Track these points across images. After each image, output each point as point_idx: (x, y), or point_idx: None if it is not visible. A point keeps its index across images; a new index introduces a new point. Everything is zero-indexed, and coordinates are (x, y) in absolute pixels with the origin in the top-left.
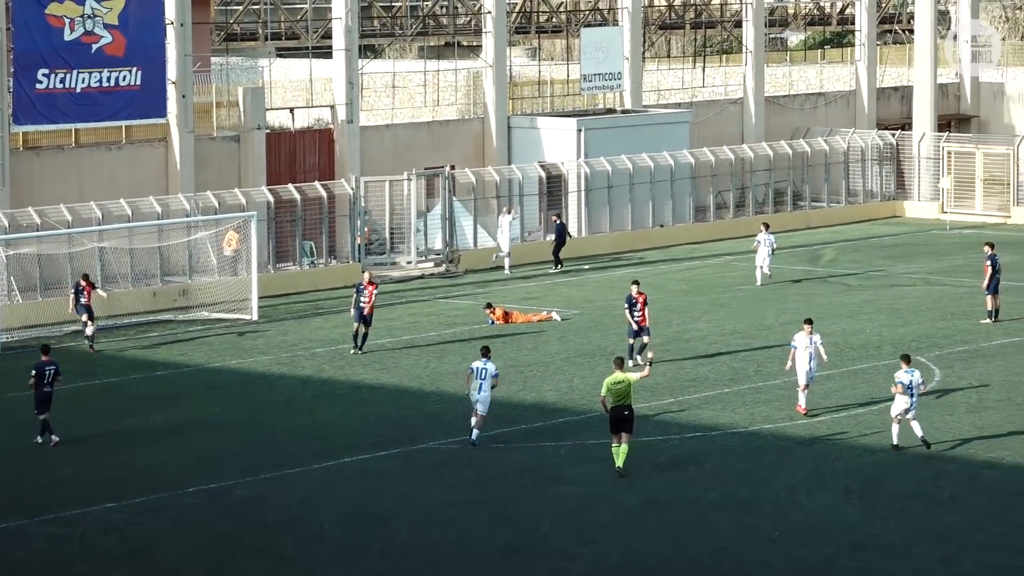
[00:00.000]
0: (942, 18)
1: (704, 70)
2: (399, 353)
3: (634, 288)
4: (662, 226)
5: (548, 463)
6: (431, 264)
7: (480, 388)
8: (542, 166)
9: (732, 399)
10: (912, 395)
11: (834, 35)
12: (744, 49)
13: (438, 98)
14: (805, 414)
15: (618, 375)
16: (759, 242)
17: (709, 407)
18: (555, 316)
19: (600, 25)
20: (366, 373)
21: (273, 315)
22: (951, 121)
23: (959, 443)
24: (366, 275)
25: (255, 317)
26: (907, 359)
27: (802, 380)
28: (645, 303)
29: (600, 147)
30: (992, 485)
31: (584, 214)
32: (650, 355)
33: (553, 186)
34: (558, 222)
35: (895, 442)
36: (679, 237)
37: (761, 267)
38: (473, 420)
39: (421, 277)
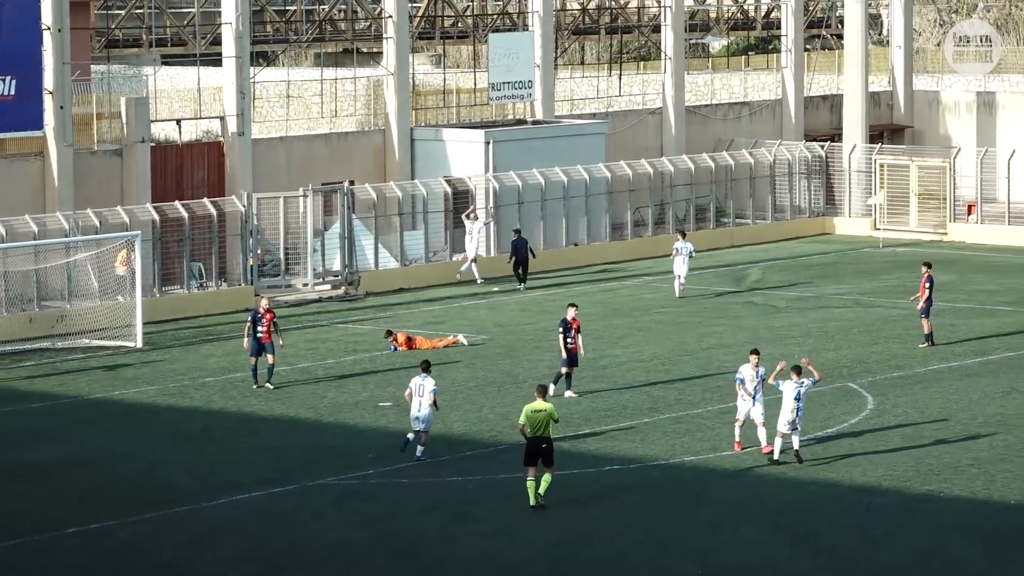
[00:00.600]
0: (873, 22)
1: (620, 78)
2: (295, 382)
3: (571, 311)
4: (576, 245)
5: (456, 499)
6: (329, 287)
7: (420, 406)
8: (448, 181)
9: (652, 430)
10: (799, 406)
11: (759, 41)
12: (663, 56)
13: (336, 108)
14: (768, 454)
15: (539, 403)
16: (676, 250)
17: (627, 438)
18: (462, 340)
19: (509, 30)
20: (259, 404)
21: (159, 342)
22: (884, 132)
23: (893, 475)
24: (263, 301)
25: (139, 344)
26: (798, 371)
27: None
28: (578, 330)
29: (510, 161)
30: (929, 519)
31: (492, 232)
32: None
33: (459, 202)
34: (517, 236)
35: (795, 451)
36: (594, 256)
37: (679, 276)
38: (410, 436)
39: (318, 300)
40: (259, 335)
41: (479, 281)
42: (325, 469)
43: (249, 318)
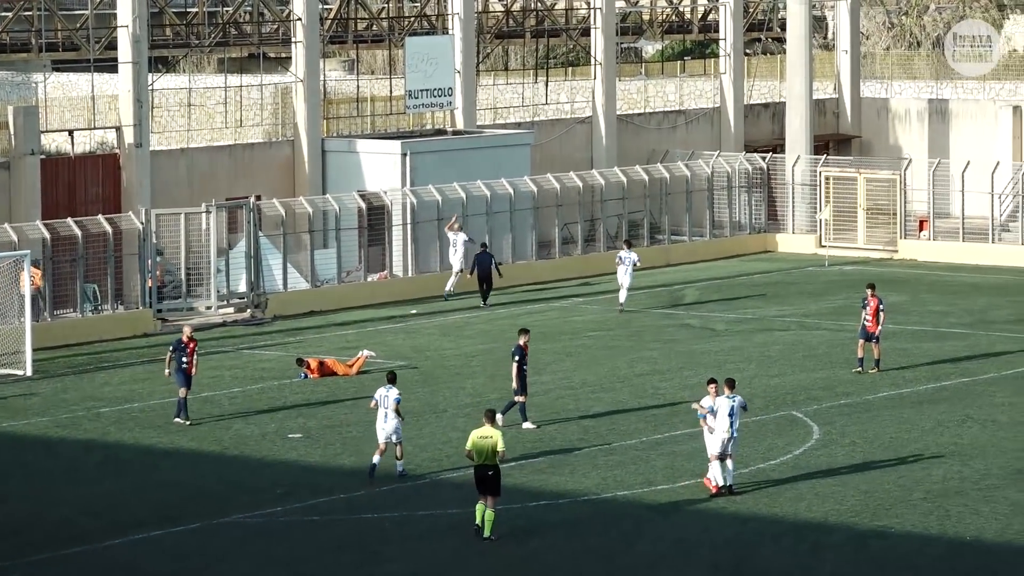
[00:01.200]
0: (818, 25)
1: (547, 85)
2: (198, 413)
3: (523, 338)
4: (500, 264)
5: (371, 538)
6: (234, 310)
7: (385, 417)
8: (362, 196)
9: (582, 462)
10: (733, 423)
11: (695, 45)
12: (593, 61)
13: (241, 118)
14: (716, 493)
15: (486, 429)
16: (620, 259)
17: (556, 471)
18: (368, 354)
19: (428, 33)
20: (158, 436)
21: (50, 370)
22: (829, 142)
23: (841, 510)
24: (186, 330)
25: (29, 372)
26: (731, 384)
27: (716, 448)
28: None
29: (428, 174)
30: (879, 557)
31: (410, 251)
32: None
33: (375, 219)
34: (482, 251)
35: (727, 483)
36: (520, 276)
37: (623, 286)
38: (376, 458)
39: (223, 325)
40: (184, 366)
41: (447, 292)
42: (231, 506)
43: (171, 348)
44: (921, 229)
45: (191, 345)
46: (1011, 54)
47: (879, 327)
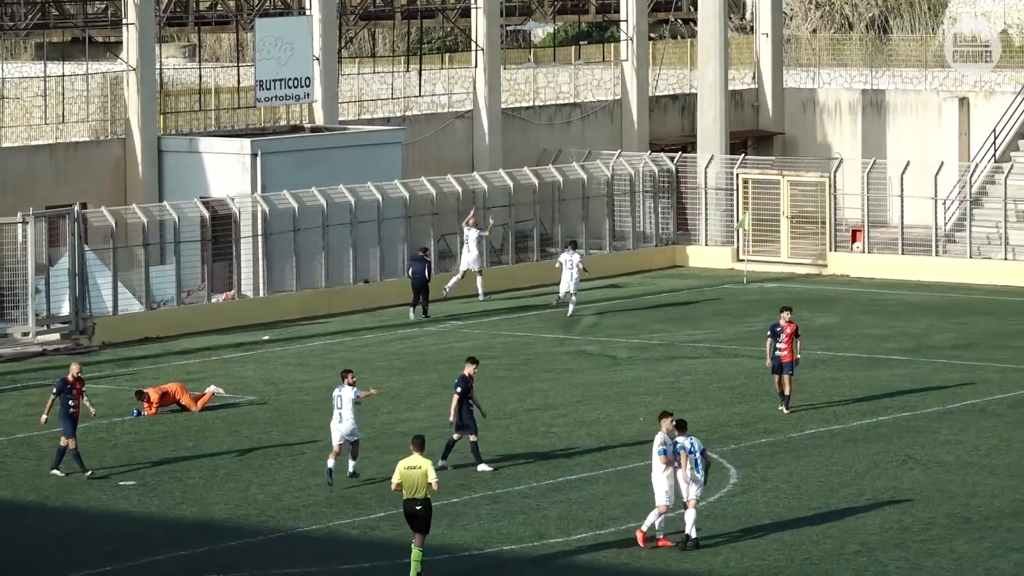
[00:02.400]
0: (735, 5)
1: (421, 74)
2: (12, 457)
3: (469, 367)
4: (367, 281)
5: None
6: (56, 336)
7: (340, 417)
8: (205, 203)
9: (463, 512)
10: (699, 467)
11: (593, 27)
12: (474, 46)
13: (64, 113)
14: (660, 545)
15: (414, 458)
16: (561, 263)
17: (433, 523)
18: (216, 391)
19: (281, 14)
20: None
21: None
22: (748, 140)
23: (763, 566)
24: (73, 367)
25: None
26: (682, 426)
27: (673, 496)
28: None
29: (283, 177)
30: None
31: (262, 267)
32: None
33: (220, 230)
34: (419, 256)
35: (693, 535)
36: (390, 296)
37: (572, 294)
38: (331, 462)
39: (42, 354)
40: (71, 410)
41: (448, 288)
42: (53, 564)
43: (54, 390)
44: (854, 240)
45: (78, 386)
46: (956, 37)
47: (796, 355)
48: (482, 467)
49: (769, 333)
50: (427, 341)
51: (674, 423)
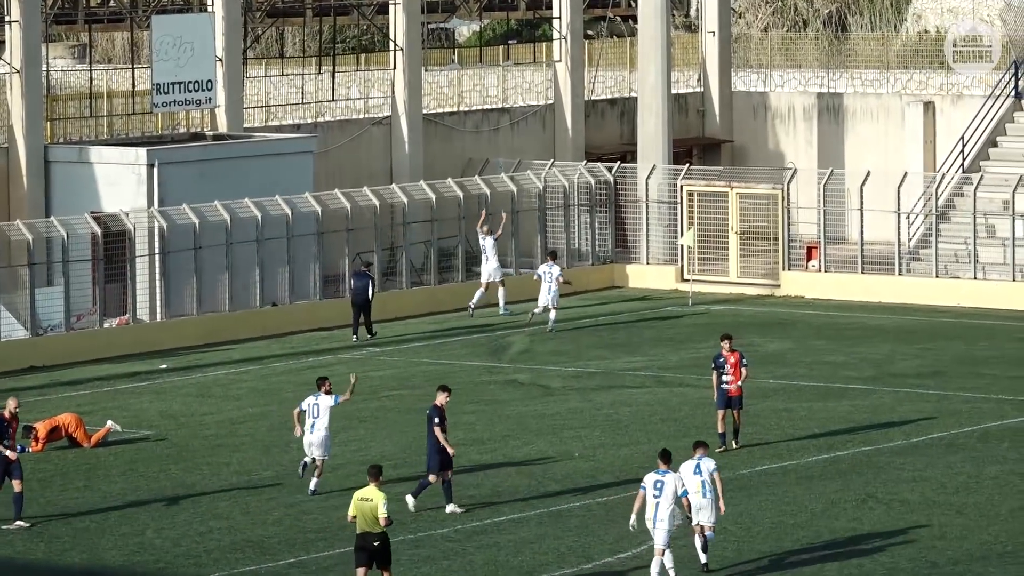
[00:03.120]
0: (678, 2)
1: (334, 77)
2: None
3: (442, 397)
4: (275, 304)
5: None
6: None
7: (312, 428)
8: (96, 218)
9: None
10: (705, 492)
11: (523, 25)
12: (392, 46)
13: None
14: None
15: (368, 490)
16: (539, 275)
17: (345, 569)
18: (113, 427)
19: (180, 11)
20: None
21: None
22: (693, 148)
23: None
24: (10, 403)
25: None
26: (703, 445)
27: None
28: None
29: (183, 190)
30: None
31: (160, 289)
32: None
33: (113, 248)
34: (362, 272)
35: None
36: (300, 320)
37: (548, 306)
38: (307, 459)
39: None
40: (5, 453)
41: (473, 303)
42: None
43: None
44: (809, 258)
45: (15, 425)
46: (921, 36)
47: (741, 385)
48: (451, 508)
49: (713, 366)
50: (340, 369)
51: (661, 458)
